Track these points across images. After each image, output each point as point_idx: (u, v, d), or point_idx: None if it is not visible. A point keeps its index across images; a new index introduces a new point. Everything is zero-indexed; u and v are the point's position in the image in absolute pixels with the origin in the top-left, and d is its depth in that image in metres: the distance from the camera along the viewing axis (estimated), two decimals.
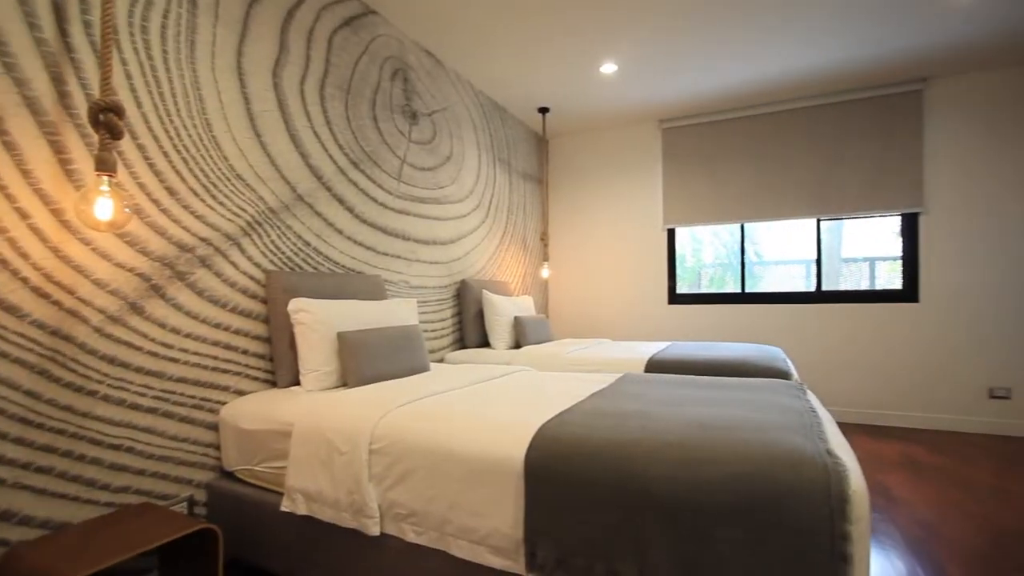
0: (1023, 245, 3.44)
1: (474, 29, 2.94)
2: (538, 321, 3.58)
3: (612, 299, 4.69)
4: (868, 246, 4.98)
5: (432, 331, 3.22)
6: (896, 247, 3.82)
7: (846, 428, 3.65)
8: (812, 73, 3.53)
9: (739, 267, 4.33)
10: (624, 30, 2.95)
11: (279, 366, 2.06)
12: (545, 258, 4.58)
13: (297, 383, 2.07)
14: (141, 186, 1.67)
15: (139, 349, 1.66)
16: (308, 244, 2.31)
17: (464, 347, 3.49)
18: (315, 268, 2.35)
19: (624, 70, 3.48)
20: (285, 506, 1.63)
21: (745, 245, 4.31)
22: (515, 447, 1.34)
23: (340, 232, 2.50)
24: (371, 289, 2.50)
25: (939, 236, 3.65)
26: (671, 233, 4.51)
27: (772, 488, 1.05)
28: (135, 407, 1.64)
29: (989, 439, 3.36)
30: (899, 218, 3.80)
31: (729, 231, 4.55)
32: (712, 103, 4.08)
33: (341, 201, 2.50)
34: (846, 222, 4.18)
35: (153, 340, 1.70)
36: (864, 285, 5.03)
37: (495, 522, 1.32)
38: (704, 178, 4.32)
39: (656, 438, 1.27)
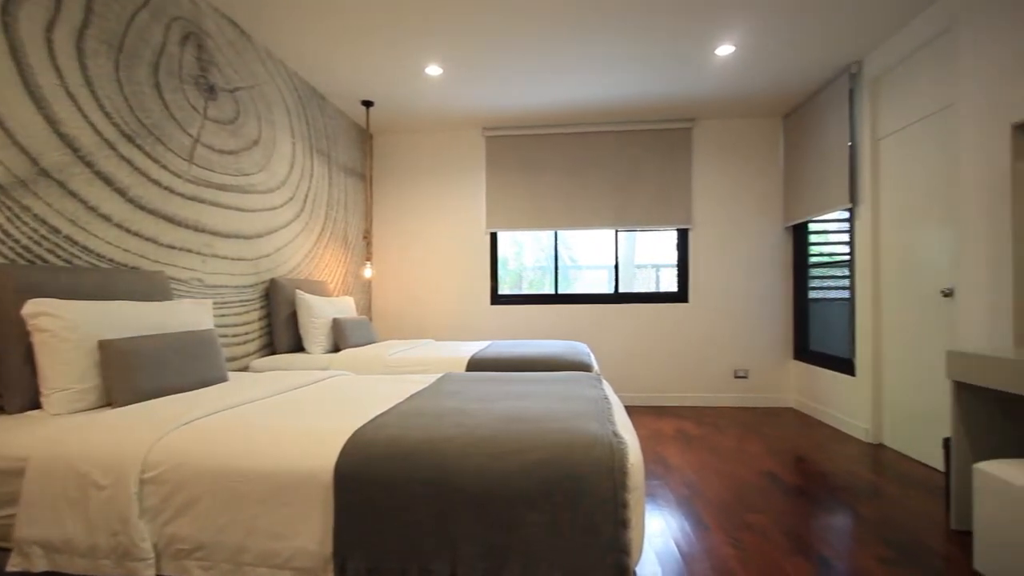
0: (757, 256, 4.41)
1: (287, 5, 2.69)
2: (359, 322, 3.43)
3: (437, 299, 4.72)
4: (656, 255, 5.88)
5: (233, 336, 2.85)
6: (675, 256, 4.58)
7: (636, 411, 4.24)
8: (611, 102, 4.03)
9: (554, 270, 4.73)
10: (448, 35, 2.99)
11: (7, 387, 1.61)
12: (368, 257, 4.41)
13: (37, 407, 1.65)
14: None
15: None
16: (57, 231, 1.85)
17: (274, 353, 3.17)
18: (68, 262, 1.89)
19: (449, 74, 3.53)
20: (14, 564, 1.29)
21: (559, 250, 4.73)
22: (324, 456, 1.25)
23: (107, 219, 2.05)
24: (150, 288, 2.11)
25: (701, 248, 4.48)
26: (494, 236, 4.72)
27: (569, 471, 1.16)
28: None
29: (735, 411, 4.22)
30: (675, 232, 4.56)
31: (547, 236, 4.93)
32: (530, 117, 4.39)
33: (109, 181, 2.06)
34: (639, 233, 4.89)
35: None
36: (652, 288, 5.92)
37: (300, 541, 1.22)
38: (523, 186, 4.62)
39: (469, 434, 1.30)
